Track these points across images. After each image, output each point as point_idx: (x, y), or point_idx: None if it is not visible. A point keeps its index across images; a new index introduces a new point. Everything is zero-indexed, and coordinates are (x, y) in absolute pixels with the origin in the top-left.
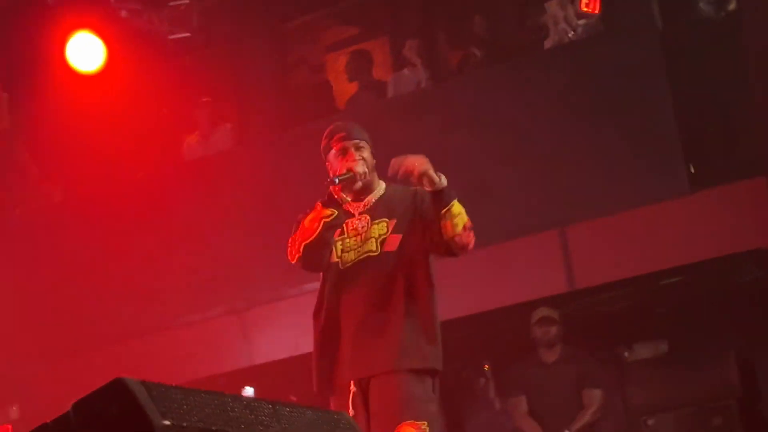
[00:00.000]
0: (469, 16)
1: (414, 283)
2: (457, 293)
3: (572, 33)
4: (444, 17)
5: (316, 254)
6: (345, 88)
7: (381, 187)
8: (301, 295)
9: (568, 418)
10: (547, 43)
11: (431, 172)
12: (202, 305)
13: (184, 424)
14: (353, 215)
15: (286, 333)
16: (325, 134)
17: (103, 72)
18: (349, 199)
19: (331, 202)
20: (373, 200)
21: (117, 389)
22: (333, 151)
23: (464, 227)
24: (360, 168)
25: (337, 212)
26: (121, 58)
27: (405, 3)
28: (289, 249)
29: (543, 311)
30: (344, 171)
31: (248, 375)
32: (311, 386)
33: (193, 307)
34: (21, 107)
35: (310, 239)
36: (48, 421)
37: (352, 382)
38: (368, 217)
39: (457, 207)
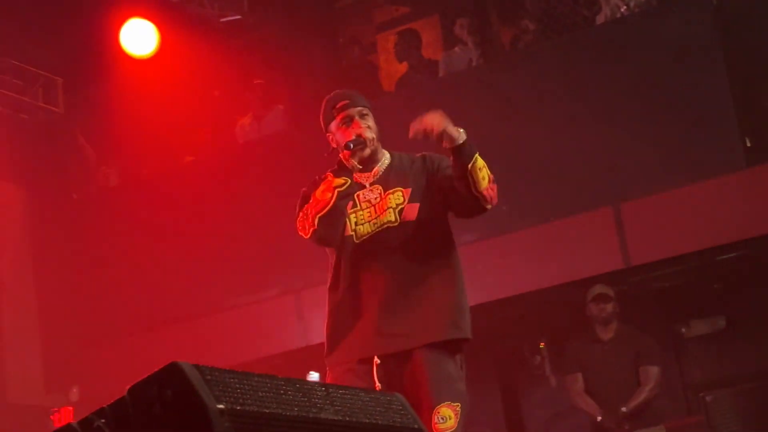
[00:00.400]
0: None
1: (438, 251)
2: (513, 271)
3: (625, 8)
4: None
5: (332, 225)
6: (395, 68)
7: (387, 156)
8: None
9: (624, 395)
10: (599, 18)
11: (450, 128)
12: (257, 286)
13: (238, 408)
14: (364, 186)
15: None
16: (324, 103)
17: (156, 56)
18: (360, 167)
19: (342, 170)
20: (382, 170)
21: (172, 373)
22: (336, 121)
23: (489, 180)
24: (367, 134)
25: (349, 181)
26: (173, 42)
27: None
28: (299, 224)
29: (598, 288)
30: (354, 138)
31: (303, 355)
32: None
33: (249, 288)
34: (76, 92)
35: (325, 210)
36: (106, 404)
37: (375, 356)
38: (380, 187)
39: (480, 161)
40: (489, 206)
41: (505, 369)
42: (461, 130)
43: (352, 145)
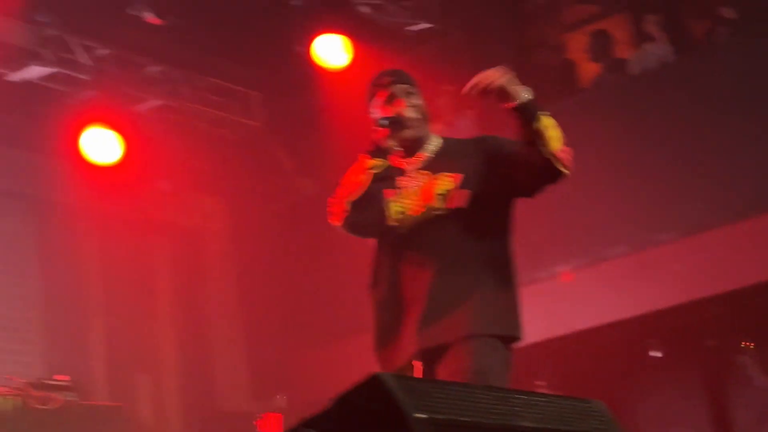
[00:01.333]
0: None
1: (489, 242)
2: (713, 271)
3: None
4: None
5: (365, 213)
6: (586, 68)
7: (437, 140)
8: (551, 279)
9: None
10: None
11: (511, 85)
12: None
13: (438, 417)
14: (407, 171)
15: (536, 317)
16: (372, 80)
17: (349, 67)
18: (398, 146)
19: (377, 151)
20: (429, 155)
21: (373, 384)
22: (377, 98)
23: (562, 142)
24: (410, 113)
25: (385, 163)
26: (365, 53)
27: None
28: (330, 210)
29: None
30: (392, 115)
31: None
32: (561, 371)
33: None
34: (273, 105)
35: (357, 194)
36: (311, 412)
37: (418, 358)
38: (427, 173)
39: (547, 119)
40: (564, 171)
41: (709, 369)
42: (524, 89)
43: (386, 123)
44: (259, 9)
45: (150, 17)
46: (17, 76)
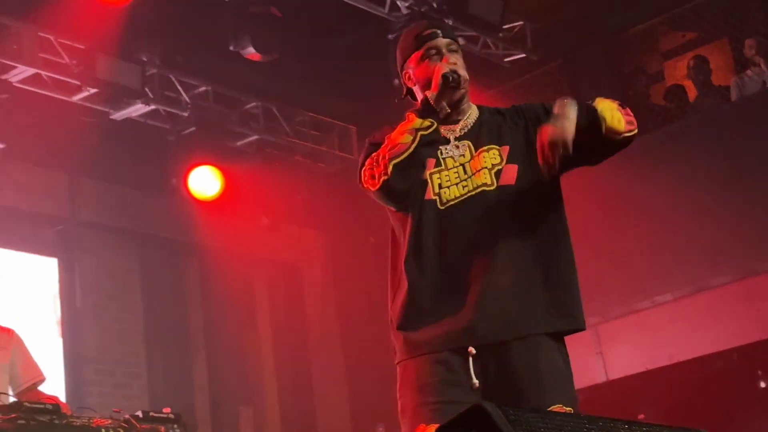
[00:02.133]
0: None
1: (545, 222)
2: None
3: None
4: None
5: (408, 178)
6: (686, 95)
7: (475, 108)
8: (653, 308)
9: None
10: None
11: (571, 126)
12: None
13: None
14: (448, 141)
15: (638, 347)
16: (404, 34)
17: None
18: (449, 110)
19: (426, 110)
20: (471, 123)
21: (477, 414)
22: (419, 53)
23: (621, 111)
24: (464, 73)
25: (434, 124)
26: None
27: (743, 2)
28: (366, 174)
29: None
30: (448, 72)
31: (606, 390)
32: (664, 402)
33: None
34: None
35: (403, 156)
36: None
37: (471, 347)
38: (470, 144)
39: (602, 104)
40: (635, 130)
41: None
42: (573, 105)
43: (451, 78)
44: (356, 44)
45: (250, 54)
46: (120, 114)
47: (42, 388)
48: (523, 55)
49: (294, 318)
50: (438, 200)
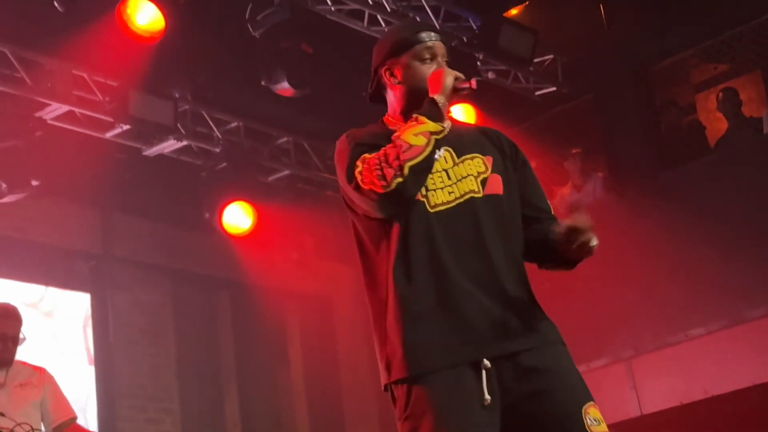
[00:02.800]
0: None
1: (521, 237)
2: None
3: None
4: None
5: (421, 182)
6: (717, 127)
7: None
8: (686, 342)
9: None
10: None
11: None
12: (587, 355)
13: None
14: None
15: (672, 381)
16: (395, 29)
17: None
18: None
19: (434, 112)
20: (448, 130)
21: None
22: (414, 50)
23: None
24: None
25: (445, 129)
26: (492, 118)
27: None
28: (371, 174)
29: None
30: (459, 77)
31: (637, 425)
32: None
33: (579, 357)
34: None
35: (419, 158)
36: None
37: (485, 359)
38: (450, 150)
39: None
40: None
41: None
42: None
43: (474, 84)
44: None
45: (284, 89)
46: (153, 150)
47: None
48: (554, 89)
49: (326, 353)
50: (426, 203)
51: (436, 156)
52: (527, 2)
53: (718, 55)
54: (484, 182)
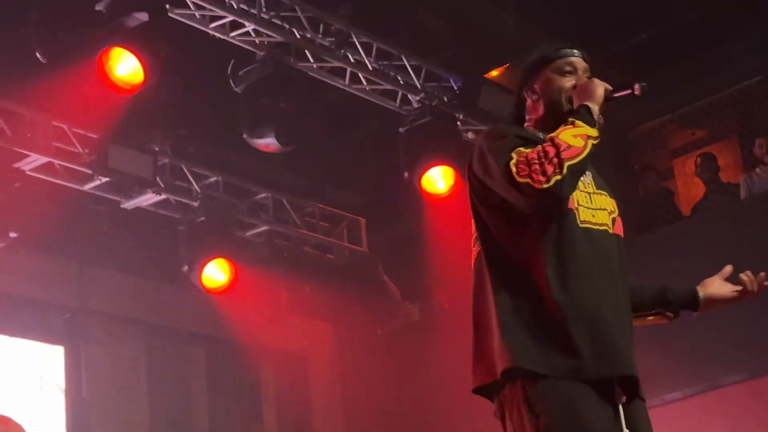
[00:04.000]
0: None
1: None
2: None
3: None
4: None
5: (575, 184)
6: (693, 193)
7: None
8: (661, 406)
9: None
10: None
11: None
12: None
13: None
14: None
15: None
16: (542, 48)
17: (450, 193)
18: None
19: (593, 121)
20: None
21: None
22: (556, 64)
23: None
24: None
25: (599, 139)
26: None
27: (752, 101)
28: (530, 167)
29: None
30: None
31: None
32: None
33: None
34: (378, 231)
35: (578, 159)
36: None
37: (615, 379)
38: (591, 176)
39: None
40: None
41: None
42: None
43: (646, 91)
44: (367, 136)
45: (268, 145)
46: (131, 203)
47: None
48: None
49: (300, 410)
50: (577, 215)
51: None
52: (508, 64)
53: (695, 121)
54: (614, 221)
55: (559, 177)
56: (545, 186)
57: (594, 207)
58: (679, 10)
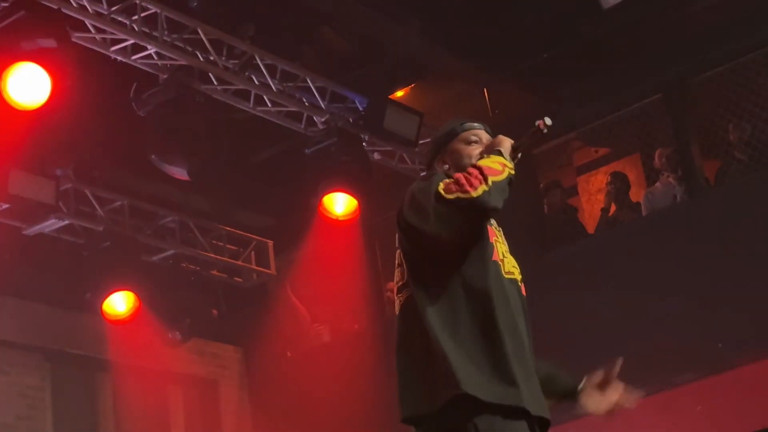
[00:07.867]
0: (723, 125)
1: None
2: (738, 411)
3: None
4: (695, 127)
5: (500, 200)
6: (597, 210)
7: None
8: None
9: None
10: None
11: None
12: None
13: None
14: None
15: None
16: (449, 122)
17: (349, 218)
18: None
19: (506, 157)
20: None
21: None
22: (464, 136)
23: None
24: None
25: (513, 176)
26: (377, 199)
27: (655, 117)
28: (457, 185)
29: None
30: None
31: None
32: None
33: None
34: (286, 254)
35: (500, 177)
36: None
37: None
38: (502, 234)
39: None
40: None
41: None
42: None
43: (549, 123)
44: (273, 159)
45: (175, 173)
46: (33, 229)
47: None
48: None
49: None
50: (502, 266)
51: (494, 226)
52: (413, 85)
53: (599, 139)
54: (522, 281)
55: (486, 188)
56: (474, 195)
57: (509, 261)
58: (581, 30)
